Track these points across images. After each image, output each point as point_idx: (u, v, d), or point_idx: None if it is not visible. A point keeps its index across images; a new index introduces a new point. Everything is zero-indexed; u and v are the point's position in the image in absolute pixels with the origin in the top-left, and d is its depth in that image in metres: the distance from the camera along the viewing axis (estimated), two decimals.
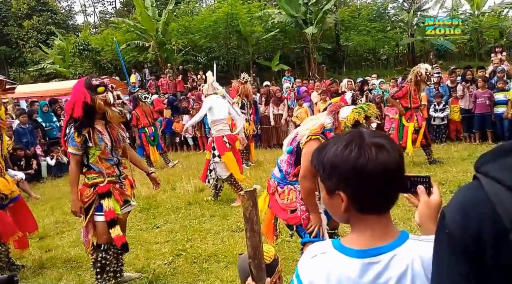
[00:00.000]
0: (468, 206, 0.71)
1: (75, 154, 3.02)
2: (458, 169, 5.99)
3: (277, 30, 19.24)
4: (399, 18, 22.27)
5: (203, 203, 5.51)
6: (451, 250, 0.72)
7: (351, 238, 1.04)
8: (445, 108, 8.69)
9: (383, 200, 1.01)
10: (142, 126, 8.21)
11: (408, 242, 0.99)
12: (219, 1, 24.30)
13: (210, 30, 19.65)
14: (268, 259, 2.52)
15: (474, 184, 0.73)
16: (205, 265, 3.58)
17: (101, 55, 20.77)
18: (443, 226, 0.75)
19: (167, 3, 20.50)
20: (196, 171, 7.69)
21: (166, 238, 4.36)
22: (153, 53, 18.91)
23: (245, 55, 20.38)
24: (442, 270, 0.74)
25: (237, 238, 4.09)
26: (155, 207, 5.52)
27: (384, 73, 17.19)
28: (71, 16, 32.80)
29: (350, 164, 0.97)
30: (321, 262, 1.04)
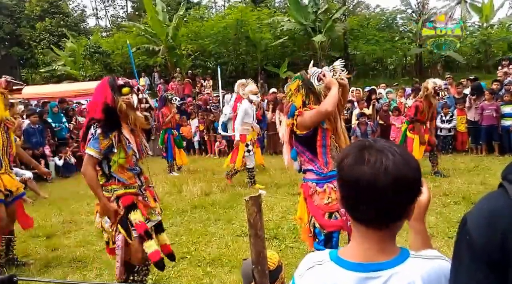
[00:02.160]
0: (492, 213, 0.70)
1: (93, 157, 2.66)
2: (463, 181, 5.98)
3: (286, 38, 19.36)
4: (408, 28, 22.30)
5: (208, 207, 5.55)
6: (472, 257, 0.71)
7: (349, 250, 1.03)
8: (452, 119, 8.70)
9: (374, 213, 0.95)
10: (170, 127, 7.96)
11: (409, 260, 0.96)
12: (229, 7, 24.58)
13: (220, 36, 19.83)
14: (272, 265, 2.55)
15: (500, 192, 0.71)
16: (209, 269, 3.61)
17: (112, 58, 21.03)
18: (464, 232, 0.74)
19: (178, 8, 20.77)
20: (202, 175, 7.76)
21: (171, 240, 4.35)
22: (162, 57, 19.12)
23: (254, 62, 20.51)
24: (461, 276, 0.73)
25: (242, 242, 4.12)
26: (161, 209, 5.57)
27: (391, 82, 17.19)
28: (83, 19, 33.24)
29: (338, 168, 1.00)
30: (317, 273, 1.03)
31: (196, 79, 16.37)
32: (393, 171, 0.91)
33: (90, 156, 2.68)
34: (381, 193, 0.91)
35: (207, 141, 10.75)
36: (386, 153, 0.94)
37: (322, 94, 2.73)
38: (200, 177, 7.49)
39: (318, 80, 2.75)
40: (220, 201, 5.75)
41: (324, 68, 2.82)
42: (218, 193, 6.23)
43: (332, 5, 20.10)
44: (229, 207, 5.45)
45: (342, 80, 2.76)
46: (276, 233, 4.34)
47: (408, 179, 0.93)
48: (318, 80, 2.75)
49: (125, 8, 38.09)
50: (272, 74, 20.40)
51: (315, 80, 2.76)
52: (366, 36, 21.12)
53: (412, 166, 0.94)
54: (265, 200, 5.52)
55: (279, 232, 4.38)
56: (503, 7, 25.57)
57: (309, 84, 2.75)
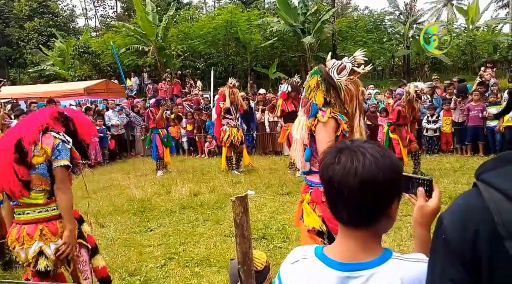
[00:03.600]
0: (465, 212, 0.72)
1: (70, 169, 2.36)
2: (449, 181, 6.09)
3: (275, 39, 19.45)
4: (395, 30, 22.59)
5: (197, 207, 5.57)
6: (447, 255, 0.72)
7: (333, 248, 1.03)
8: (438, 120, 8.85)
9: (346, 213, 0.97)
10: (158, 127, 8.01)
11: (390, 261, 0.96)
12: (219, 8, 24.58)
13: (210, 36, 19.83)
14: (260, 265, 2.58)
15: (473, 191, 0.73)
16: (197, 269, 3.63)
17: (101, 58, 20.89)
18: (440, 231, 0.75)
19: (168, 8, 20.69)
20: (191, 175, 7.76)
21: (159, 241, 4.41)
22: (152, 57, 19.04)
23: (243, 62, 20.56)
24: (437, 274, 0.75)
25: (230, 243, 4.15)
26: (149, 210, 5.58)
27: (379, 83, 17.39)
28: (72, 19, 32.91)
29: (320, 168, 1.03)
30: (301, 268, 1.04)
31: (186, 80, 16.34)
32: (361, 172, 0.92)
33: (68, 168, 2.32)
34: (350, 194, 0.93)
35: (198, 142, 10.75)
36: (358, 155, 0.94)
37: (343, 88, 2.49)
38: (189, 178, 7.49)
39: (338, 72, 2.52)
40: (209, 201, 5.77)
41: (344, 59, 2.62)
42: (207, 193, 6.24)
43: (321, 7, 20.24)
44: (217, 208, 5.47)
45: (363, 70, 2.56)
46: (265, 233, 4.37)
47: (377, 181, 0.92)
48: (339, 72, 2.52)
49: (114, 8, 37.78)
50: (261, 75, 20.47)
51: (334, 73, 2.52)
52: (355, 37, 21.32)
53: (384, 168, 0.93)
54: (254, 200, 5.55)
55: (268, 232, 4.41)
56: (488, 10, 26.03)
57: (329, 78, 2.52)
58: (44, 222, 2.32)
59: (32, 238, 2.29)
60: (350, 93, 2.51)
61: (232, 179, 7.11)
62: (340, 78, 2.50)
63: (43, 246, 2.30)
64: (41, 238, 2.30)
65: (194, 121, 10.71)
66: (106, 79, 17.93)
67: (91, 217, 2.99)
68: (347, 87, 2.49)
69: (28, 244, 2.29)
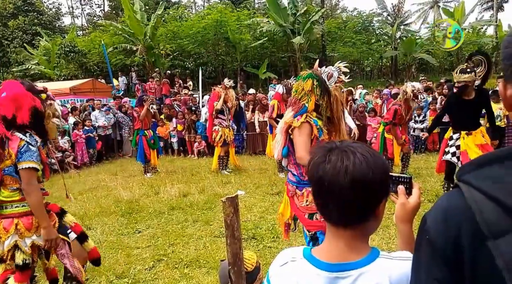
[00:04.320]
0: (448, 212, 0.72)
1: (37, 171, 2.38)
2: (436, 179, 6.15)
3: (265, 39, 19.48)
4: (383, 31, 22.83)
5: (186, 208, 5.51)
6: (431, 255, 0.73)
7: (321, 248, 1.04)
8: (425, 119, 8.95)
9: (336, 213, 0.98)
10: (143, 128, 7.79)
11: (378, 261, 0.97)
12: (208, 8, 24.49)
13: (199, 36, 19.76)
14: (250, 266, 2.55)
15: (456, 192, 0.74)
16: (186, 271, 3.58)
17: (88, 57, 20.63)
18: (424, 231, 0.76)
19: (156, 7, 20.55)
20: (180, 175, 7.69)
21: (147, 243, 4.34)
22: (140, 57, 18.88)
23: (233, 62, 20.53)
24: (421, 275, 0.75)
25: (220, 243, 4.11)
26: (137, 211, 5.50)
27: (368, 84, 17.54)
28: (58, 18, 32.41)
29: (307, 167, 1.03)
30: (290, 270, 1.04)
31: (175, 79, 16.23)
32: (352, 172, 0.93)
33: (33, 169, 2.34)
34: (341, 193, 0.93)
35: (187, 142, 10.67)
36: (349, 154, 0.95)
37: (332, 94, 2.69)
38: (178, 178, 7.42)
39: (328, 78, 2.71)
40: (198, 202, 5.71)
41: (330, 68, 2.79)
42: (196, 194, 6.18)
43: (310, 8, 20.35)
44: (207, 208, 5.43)
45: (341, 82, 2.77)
46: (255, 233, 4.34)
47: (367, 181, 0.93)
48: (328, 80, 2.71)
49: (102, 7, 37.39)
50: (251, 74, 20.47)
51: (326, 78, 2.72)
52: (344, 38, 21.51)
53: (374, 168, 0.94)
54: (243, 200, 5.52)
55: (258, 232, 4.38)
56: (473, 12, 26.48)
57: (325, 83, 2.69)
58: (20, 217, 2.40)
59: (8, 232, 2.37)
60: (336, 98, 2.71)
61: (222, 179, 7.06)
62: (330, 83, 2.69)
63: (18, 240, 2.38)
64: (16, 232, 2.37)
65: (185, 121, 10.64)
66: (92, 79, 17.70)
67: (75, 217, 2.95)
68: (334, 93, 2.69)
69: (4, 237, 2.37)
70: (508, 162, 0.68)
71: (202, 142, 10.15)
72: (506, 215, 0.64)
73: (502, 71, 0.73)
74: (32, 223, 2.40)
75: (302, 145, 2.59)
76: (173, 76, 17.34)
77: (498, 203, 0.65)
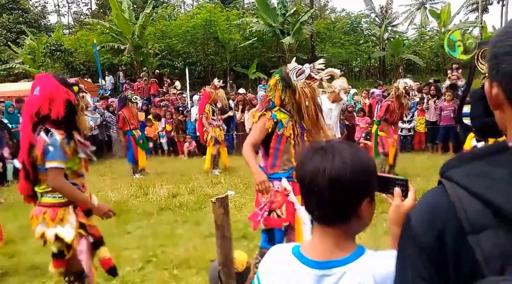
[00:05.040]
0: (431, 209, 0.73)
1: (61, 169, 2.39)
2: (422, 178, 6.23)
3: (254, 39, 19.47)
4: (372, 32, 23.04)
5: (176, 209, 5.47)
6: (416, 253, 0.73)
7: (309, 246, 1.05)
8: (412, 119, 9.07)
9: (318, 212, 1.00)
10: (131, 128, 7.73)
11: (362, 258, 0.98)
12: (197, 7, 24.39)
13: (188, 35, 19.64)
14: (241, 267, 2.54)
15: (439, 188, 0.75)
16: (175, 272, 3.55)
17: (74, 56, 20.32)
18: (408, 229, 0.76)
19: (144, 6, 20.36)
20: (170, 176, 7.63)
21: (137, 244, 4.30)
22: (128, 56, 18.69)
23: (223, 62, 20.48)
24: (407, 273, 0.75)
25: (210, 244, 4.08)
26: (126, 212, 5.43)
27: (356, 84, 17.68)
28: (43, 16, 31.87)
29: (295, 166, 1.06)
30: (279, 267, 1.05)
31: (164, 79, 16.10)
32: (330, 172, 0.94)
33: (58, 169, 2.38)
34: (320, 193, 0.95)
35: (177, 142, 10.59)
36: (329, 155, 0.97)
37: (298, 90, 2.73)
38: (167, 179, 7.36)
39: (297, 75, 2.77)
40: (188, 202, 5.68)
41: (305, 65, 2.85)
42: (186, 194, 6.14)
43: (300, 8, 20.42)
44: (197, 209, 5.39)
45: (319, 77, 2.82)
46: (245, 233, 4.33)
47: (345, 181, 0.94)
48: (297, 76, 2.77)
49: (89, 5, 36.96)
50: (241, 74, 20.44)
51: (294, 75, 2.77)
52: (332, 39, 21.64)
53: (352, 168, 0.95)
54: (234, 200, 5.50)
55: (248, 232, 4.36)
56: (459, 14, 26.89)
57: (287, 79, 2.76)
58: (48, 207, 2.49)
59: (37, 219, 2.49)
60: (306, 95, 2.72)
61: (212, 179, 7.03)
62: (298, 80, 2.74)
63: (45, 230, 2.48)
64: (43, 221, 2.48)
65: (173, 121, 10.56)
66: (79, 78, 17.44)
67: None
68: (303, 90, 2.71)
69: (34, 224, 2.51)
70: (489, 159, 0.69)
71: (192, 142, 10.09)
72: (486, 210, 0.65)
73: (488, 71, 0.74)
74: (57, 214, 2.46)
75: (250, 136, 2.73)
76: (162, 76, 17.21)
77: (480, 199, 0.66)
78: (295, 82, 2.74)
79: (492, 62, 0.72)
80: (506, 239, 0.63)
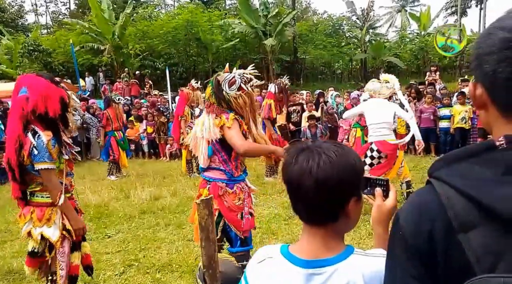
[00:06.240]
0: (420, 208, 0.74)
1: (52, 169, 2.42)
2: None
3: (237, 40, 19.45)
4: (353, 34, 23.34)
5: (158, 211, 5.39)
6: (405, 252, 0.73)
7: (298, 245, 1.05)
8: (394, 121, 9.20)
9: (304, 212, 1.01)
10: (113, 129, 7.64)
11: (352, 257, 0.99)
12: (179, 7, 24.21)
13: (169, 36, 19.48)
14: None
15: (427, 188, 0.75)
16: (158, 275, 3.50)
17: (53, 56, 19.84)
18: (397, 228, 0.77)
19: (125, 6, 20.09)
20: (152, 178, 7.52)
21: (117, 248, 4.22)
22: (108, 56, 18.38)
23: (205, 63, 20.38)
24: (396, 273, 0.76)
25: (193, 247, 4.04)
26: (106, 215, 5.33)
27: (339, 86, 17.86)
28: (20, 15, 31.05)
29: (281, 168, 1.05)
30: (268, 267, 1.05)
31: (145, 80, 15.90)
32: (316, 173, 0.94)
33: (49, 169, 2.40)
34: (306, 193, 0.96)
35: (159, 144, 10.46)
36: (315, 155, 0.96)
37: (232, 101, 2.69)
38: (149, 181, 7.26)
39: (229, 85, 2.70)
40: (171, 205, 5.61)
41: (236, 72, 2.78)
42: (168, 197, 6.06)
43: (282, 10, 20.51)
44: (180, 212, 5.33)
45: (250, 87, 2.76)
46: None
47: (331, 181, 0.94)
48: (230, 86, 2.70)
49: (67, 5, 36.17)
50: None
51: (226, 85, 2.70)
52: (315, 41, 21.83)
53: (339, 168, 0.95)
54: None
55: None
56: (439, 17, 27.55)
57: (218, 91, 2.70)
58: (36, 207, 2.51)
59: (25, 218, 2.52)
60: (240, 104, 2.70)
61: (195, 182, 6.96)
62: (230, 92, 2.69)
63: (32, 228, 2.50)
64: (30, 220, 2.51)
65: (155, 123, 10.43)
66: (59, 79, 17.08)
67: None
68: (236, 100, 2.69)
69: (21, 222, 2.54)
70: (477, 158, 0.70)
71: (174, 144, 9.99)
72: (475, 209, 0.66)
73: (472, 72, 0.76)
74: (44, 215, 2.48)
75: (238, 135, 2.65)
76: (143, 77, 16.99)
77: (468, 198, 0.67)
78: (227, 94, 2.68)
79: (475, 63, 0.73)
80: (495, 237, 0.64)
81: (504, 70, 0.67)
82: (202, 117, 2.83)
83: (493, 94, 0.72)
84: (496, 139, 0.69)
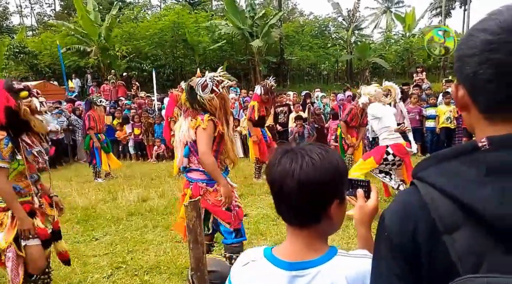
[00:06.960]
0: (406, 209, 0.74)
1: (4, 168, 2.51)
2: None
3: (224, 41, 19.43)
4: (339, 35, 23.53)
5: (146, 213, 5.38)
6: (390, 251, 0.74)
7: (281, 248, 1.05)
8: None
9: (287, 213, 1.01)
10: (95, 132, 7.50)
11: (335, 259, 0.99)
12: (165, 9, 24.09)
13: (156, 37, 19.36)
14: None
15: (412, 189, 0.76)
16: (146, 278, 3.50)
17: (39, 58, 19.55)
18: (382, 228, 0.77)
19: (111, 8, 19.91)
20: (139, 180, 7.49)
21: (105, 250, 4.20)
22: (95, 58, 18.19)
23: (192, 65, 20.30)
24: (381, 272, 0.76)
25: (181, 248, 4.05)
26: (94, 218, 5.30)
27: (325, 87, 18.00)
28: (5, 17, 30.49)
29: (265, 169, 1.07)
30: (251, 270, 1.05)
31: (132, 82, 15.78)
32: (298, 174, 0.95)
33: (1, 168, 2.50)
34: (289, 195, 0.96)
35: (147, 146, 10.40)
36: (298, 157, 0.97)
37: (207, 104, 2.79)
38: (137, 183, 7.23)
39: (202, 89, 2.79)
40: (158, 207, 5.60)
41: (208, 76, 2.88)
42: (156, 199, 6.05)
43: (268, 11, 20.58)
44: (168, 213, 5.33)
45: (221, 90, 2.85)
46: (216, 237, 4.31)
47: (314, 183, 0.94)
48: (203, 90, 2.79)
49: (52, 6, 35.67)
50: None
51: (199, 89, 2.79)
52: (301, 42, 21.92)
53: (321, 170, 0.95)
54: None
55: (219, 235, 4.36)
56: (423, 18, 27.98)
57: (192, 96, 2.81)
58: None
59: None
60: (214, 106, 2.80)
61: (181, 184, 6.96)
62: (204, 95, 2.79)
63: None
64: None
65: (141, 124, 10.37)
66: (44, 81, 16.79)
67: None
68: (210, 102, 2.79)
69: None
70: (460, 159, 0.70)
71: (161, 146, 9.95)
72: (459, 210, 0.67)
73: (455, 73, 0.77)
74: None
75: (205, 141, 2.74)
76: (130, 79, 16.87)
77: (452, 199, 0.68)
78: (201, 98, 2.78)
79: (457, 64, 0.74)
80: (478, 238, 0.65)
81: (485, 72, 0.68)
82: (180, 122, 2.97)
83: (474, 95, 0.72)
84: (479, 141, 0.70)
